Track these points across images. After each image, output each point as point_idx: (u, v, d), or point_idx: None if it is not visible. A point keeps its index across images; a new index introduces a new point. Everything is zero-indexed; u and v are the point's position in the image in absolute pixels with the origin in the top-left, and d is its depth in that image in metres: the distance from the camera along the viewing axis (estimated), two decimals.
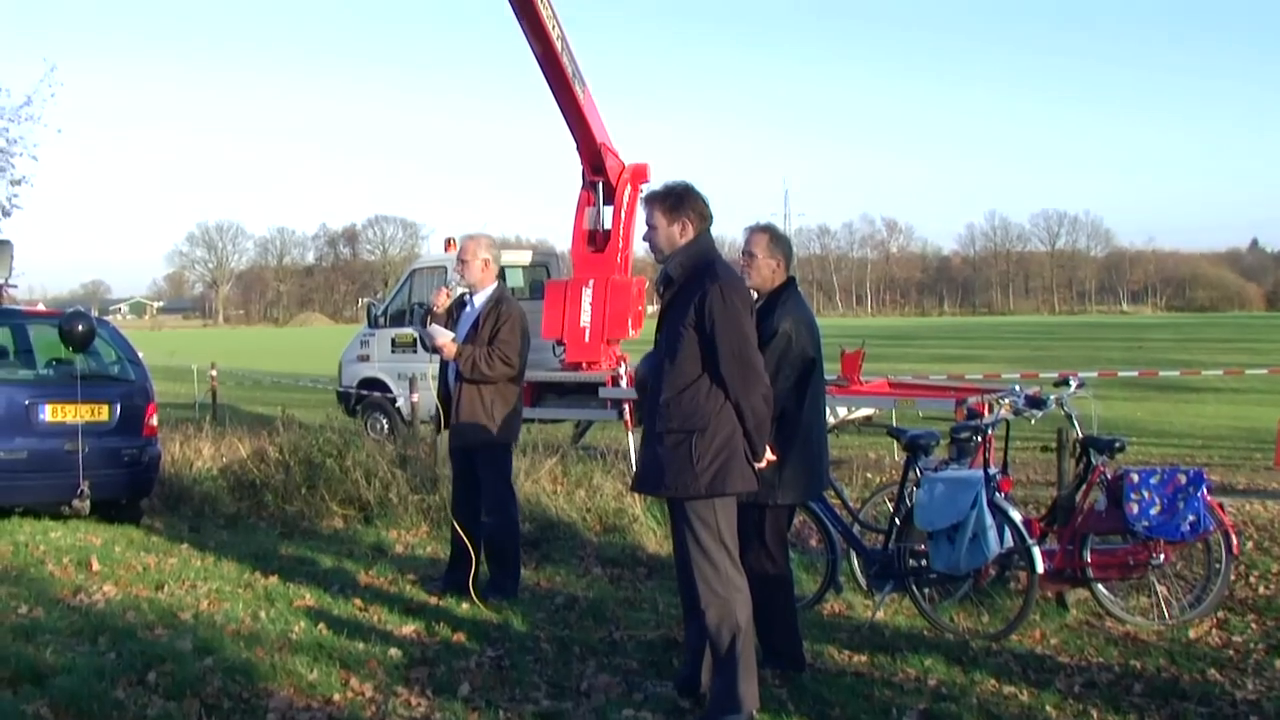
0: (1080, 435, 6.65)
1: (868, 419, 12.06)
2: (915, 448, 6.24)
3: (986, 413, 7.65)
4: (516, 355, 6.37)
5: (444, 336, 6.36)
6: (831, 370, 10.06)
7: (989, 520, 5.66)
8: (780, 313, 4.89)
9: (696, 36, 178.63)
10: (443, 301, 6.55)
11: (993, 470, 6.08)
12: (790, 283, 5.09)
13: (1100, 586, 6.14)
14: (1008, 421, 6.73)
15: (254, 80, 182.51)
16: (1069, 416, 6.89)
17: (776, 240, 5.11)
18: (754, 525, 4.88)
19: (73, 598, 6.21)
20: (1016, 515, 5.89)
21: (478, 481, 6.47)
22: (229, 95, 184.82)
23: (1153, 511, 5.94)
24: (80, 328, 8.62)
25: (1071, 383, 7.17)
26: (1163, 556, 6.00)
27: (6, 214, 16.79)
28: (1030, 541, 5.81)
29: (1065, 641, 5.72)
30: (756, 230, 5.12)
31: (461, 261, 6.49)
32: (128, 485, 8.88)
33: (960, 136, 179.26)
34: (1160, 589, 6.08)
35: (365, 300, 22.26)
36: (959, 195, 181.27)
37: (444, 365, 6.60)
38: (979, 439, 6.52)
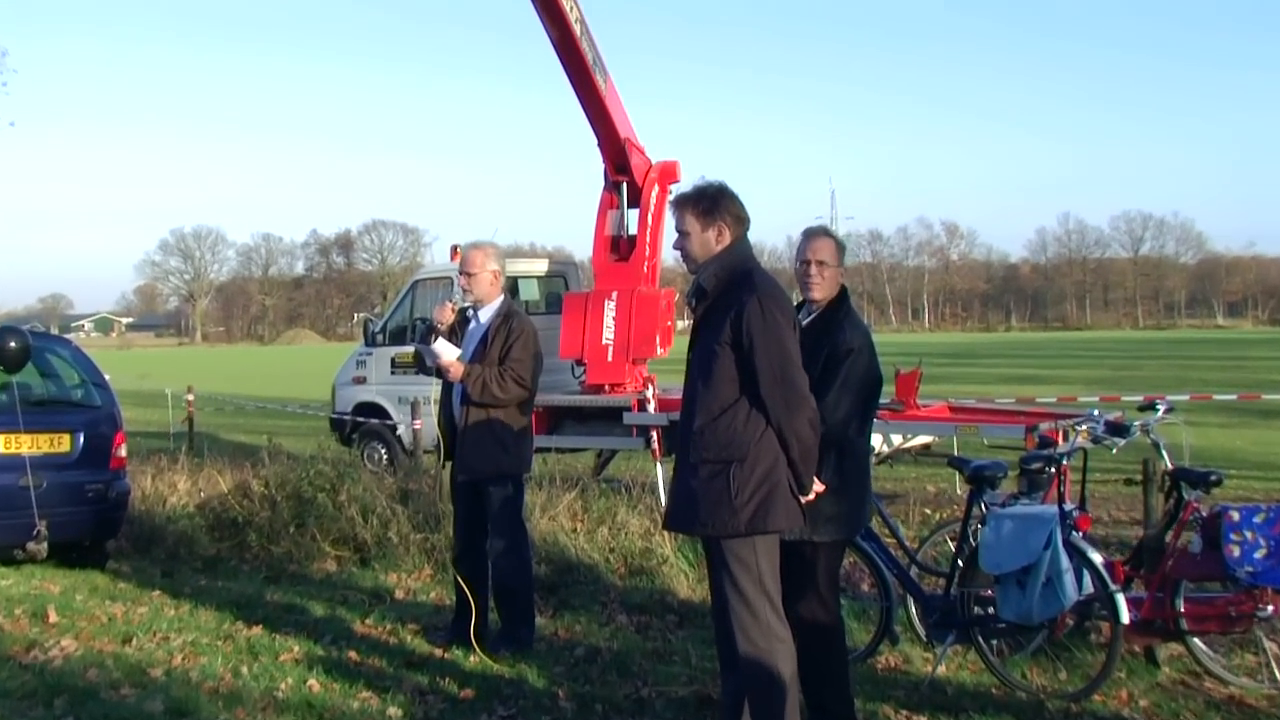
0: (1169, 467, 6.61)
1: (925, 448, 12.05)
2: (980, 480, 6.22)
3: (1061, 441, 7.61)
4: (529, 375, 6.43)
5: (450, 354, 6.41)
6: (885, 393, 10.03)
7: (1065, 563, 5.63)
8: (849, 328, 4.93)
9: (729, 24, 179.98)
10: (447, 317, 6.62)
11: (1069, 506, 6.05)
12: (845, 294, 5.13)
13: (1197, 641, 6.04)
14: (1085, 451, 6.70)
15: (236, 70, 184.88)
16: (1156, 445, 6.84)
17: (840, 246, 5.16)
18: (800, 567, 4.88)
19: (26, 654, 6.24)
20: (1097, 557, 5.85)
21: (485, 519, 6.50)
22: (207, 87, 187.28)
23: (1257, 555, 5.84)
24: (12, 345, 8.55)
25: (1159, 407, 7.13)
26: (1271, 608, 5.87)
27: None
28: (1113, 588, 5.77)
29: (1156, 704, 5.64)
30: (819, 234, 5.16)
31: (466, 274, 6.57)
32: (91, 525, 8.88)
33: (1029, 129, 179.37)
34: (1269, 646, 5.99)
35: (361, 315, 22.41)
36: (1028, 196, 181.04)
37: (447, 389, 6.65)
38: (1052, 470, 6.49)
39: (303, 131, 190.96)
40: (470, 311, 6.68)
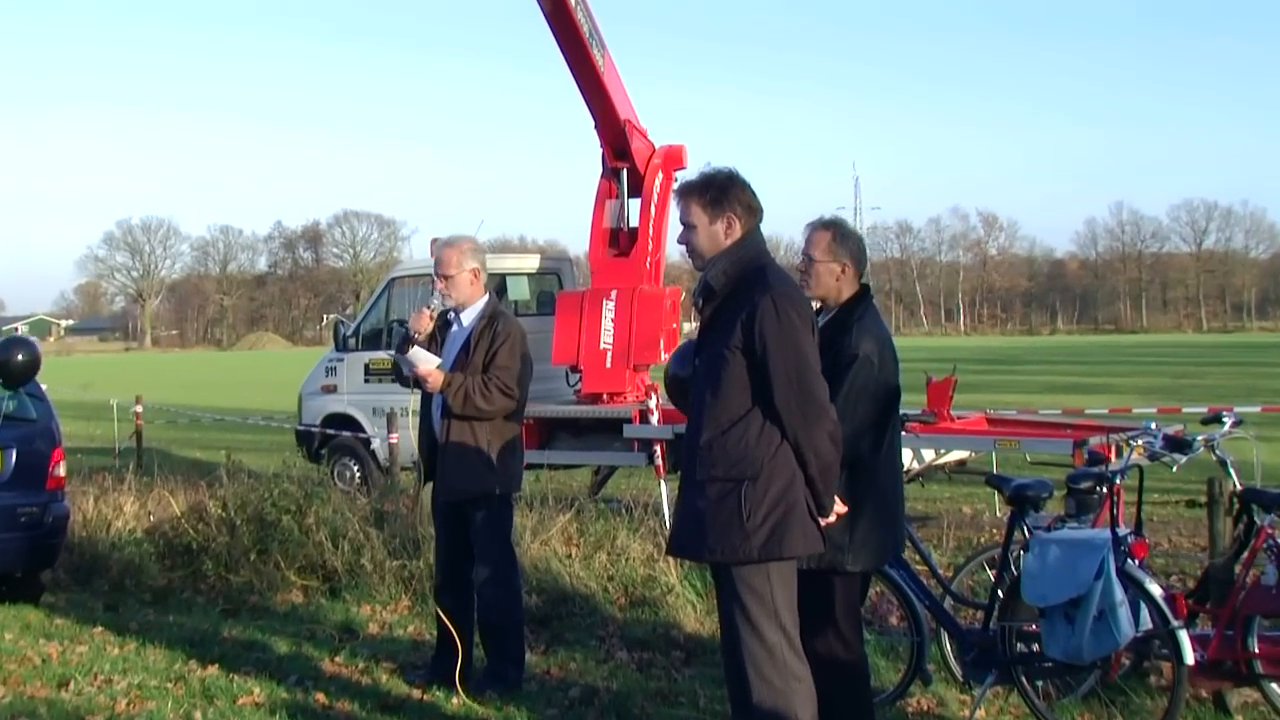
0: (1238, 487, 6.58)
1: (961, 464, 12.06)
2: (1022, 501, 6.22)
3: (1114, 457, 7.60)
4: (517, 384, 6.47)
5: (427, 362, 6.44)
6: (915, 403, 10.01)
7: (1119, 594, 5.61)
8: (858, 331, 4.96)
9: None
10: (424, 326, 6.64)
11: (1123, 531, 6.04)
12: (864, 293, 5.16)
13: (1274, 686, 6.02)
14: (1141, 469, 6.70)
15: (190, 46, 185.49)
16: (1222, 463, 6.83)
17: (843, 239, 5.17)
18: (819, 598, 4.88)
19: None
20: (1156, 589, 5.83)
21: (470, 544, 6.52)
22: (159, 64, 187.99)
23: None
24: (19, 357, 8.57)
25: (1225, 420, 7.11)
26: None
27: None
28: (1175, 624, 5.73)
29: None
30: (817, 227, 5.19)
31: (442, 276, 6.60)
32: (24, 553, 8.82)
33: (1076, 109, 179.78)
34: None
35: (332, 317, 22.45)
36: (1076, 183, 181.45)
37: (427, 398, 6.67)
38: (1104, 490, 6.48)
39: (266, 113, 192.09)
40: (451, 314, 6.72)
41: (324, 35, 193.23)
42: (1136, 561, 5.94)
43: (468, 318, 6.62)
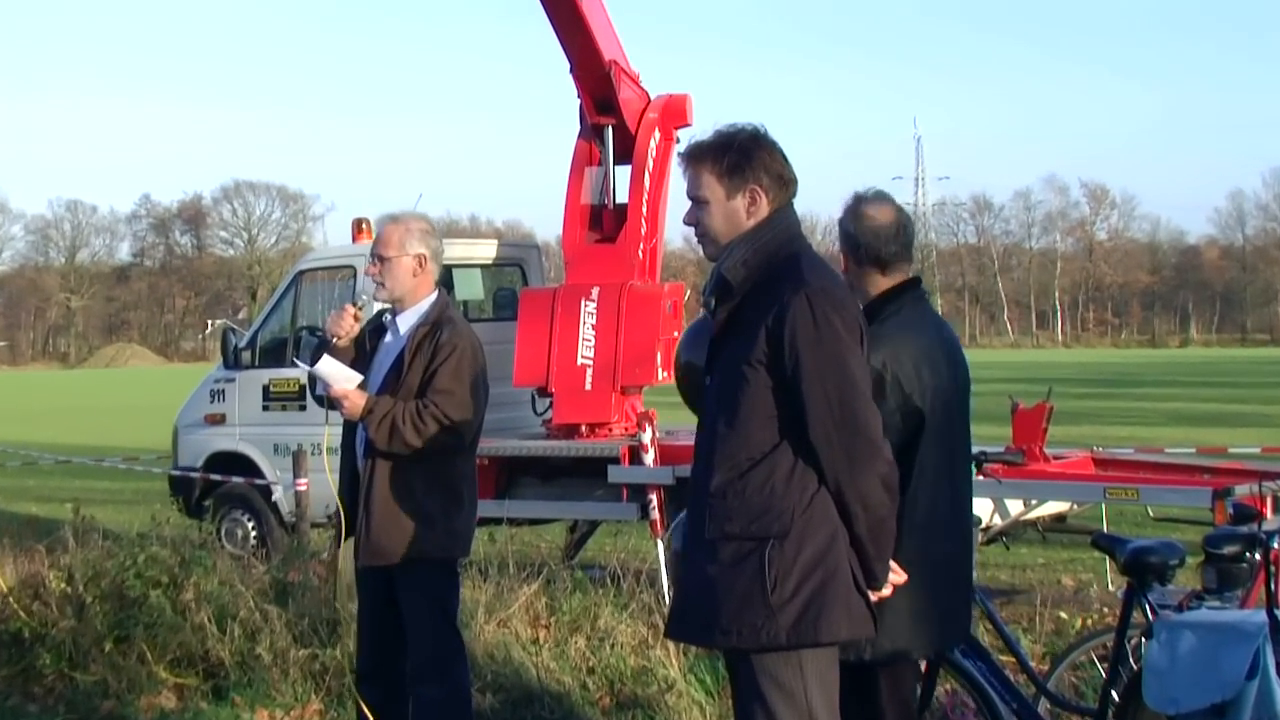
0: None
1: (1059, 519, 12.05)
2: (1143, 570, 6.21)
3: (1269, 513, 7.60)
4: (466, 412, 6.43)
5: (342, 380, 6.42)
6: (996, 438, 9.94)
7: None
8: (876, 336, 4.94)
9: None
10: (345, 328, 6.60)
11: None
12: (906, 288, 5.29)
13: None
14: None
15: None
16: None
17: (869, 215, 5.29)
18: (862, 696, 4.88)
19: None
20: None
21: (402, 625, 6.50)
22: None
23: None
24: None
25: None
26: None
27: None
28: None
29: None
30: (866, 200, 5.33)
31: (379, 259, 6.56)
32: None
33: (1211, 49, 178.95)
34: None
35: (219, 323, 22.48)
36: (1214, 145, 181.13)
37: (349, 432, 6.67)
38: (1256, 558, 6.48)
39: (132, 59, 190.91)
40: (387, 316, 6.70)
41: None
42: None
43: (406, 322, 6.59)
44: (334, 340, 6.60)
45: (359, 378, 6.47)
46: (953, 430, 5.24)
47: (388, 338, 6.66)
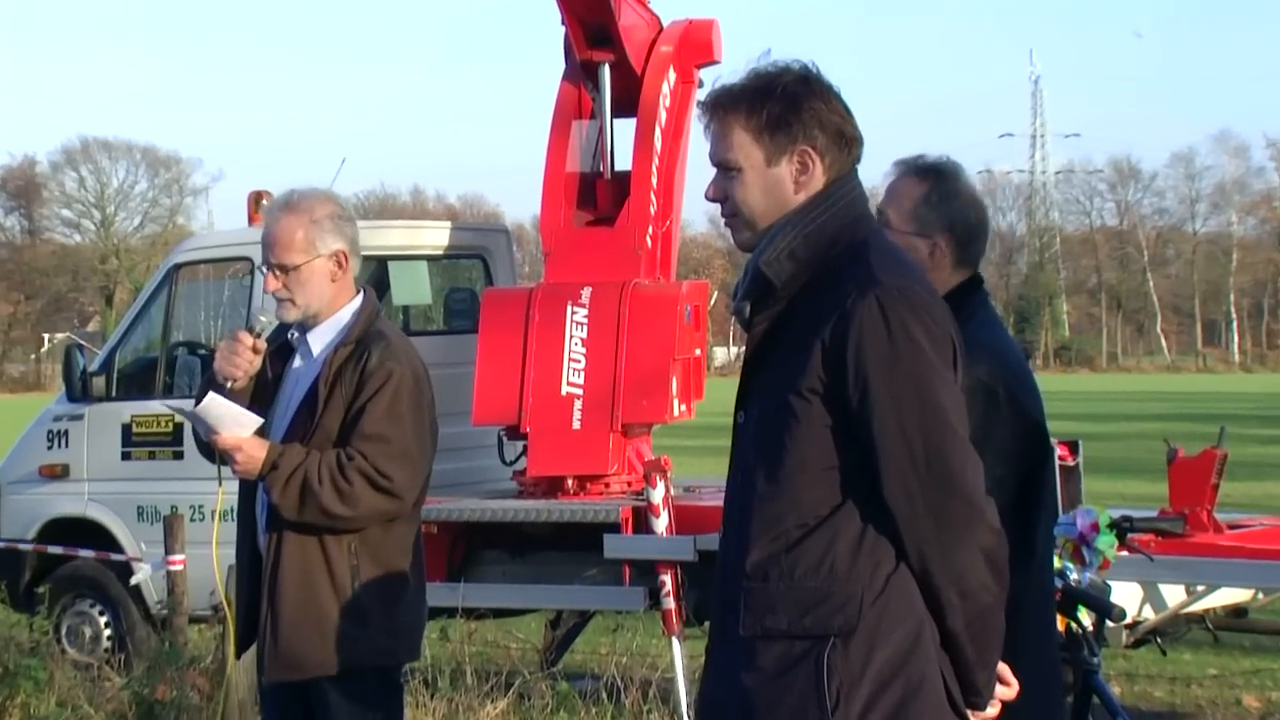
0: None
1: (1237, 613, 10.91)
2: None
3: None
4: (405, 465, 5.79)
5: (237, 425, 5.71)
6: (1148, 497, 8.73)
7: None
8: (969, 343, 4.47)
9: None
10: (245, 364, 5.86)
11: None
12: (972, 286, 4.98)
13: None
14: None
15: None
16: None
17: (942, 200, 4.96)
18: None
19: None
20: None
21: None
22: None
23: None
24: None
25: None
26: None
27: None
28: None
29: None
30: (904, 173, 5.01)
31: (279, 268, 5.91)
32: None
33: None
34: None
35: (61, 338, 21.73)
36: None
37: (247, 490, 6.02)
38: None
39: None
40: (293, 334, 5.98)
41: None
42: None
43: (320, 339, 5.88)
44: (227, 384, 5.88)
45: (258, 421, 5.78)
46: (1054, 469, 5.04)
47: (296, 362, 6.00)
